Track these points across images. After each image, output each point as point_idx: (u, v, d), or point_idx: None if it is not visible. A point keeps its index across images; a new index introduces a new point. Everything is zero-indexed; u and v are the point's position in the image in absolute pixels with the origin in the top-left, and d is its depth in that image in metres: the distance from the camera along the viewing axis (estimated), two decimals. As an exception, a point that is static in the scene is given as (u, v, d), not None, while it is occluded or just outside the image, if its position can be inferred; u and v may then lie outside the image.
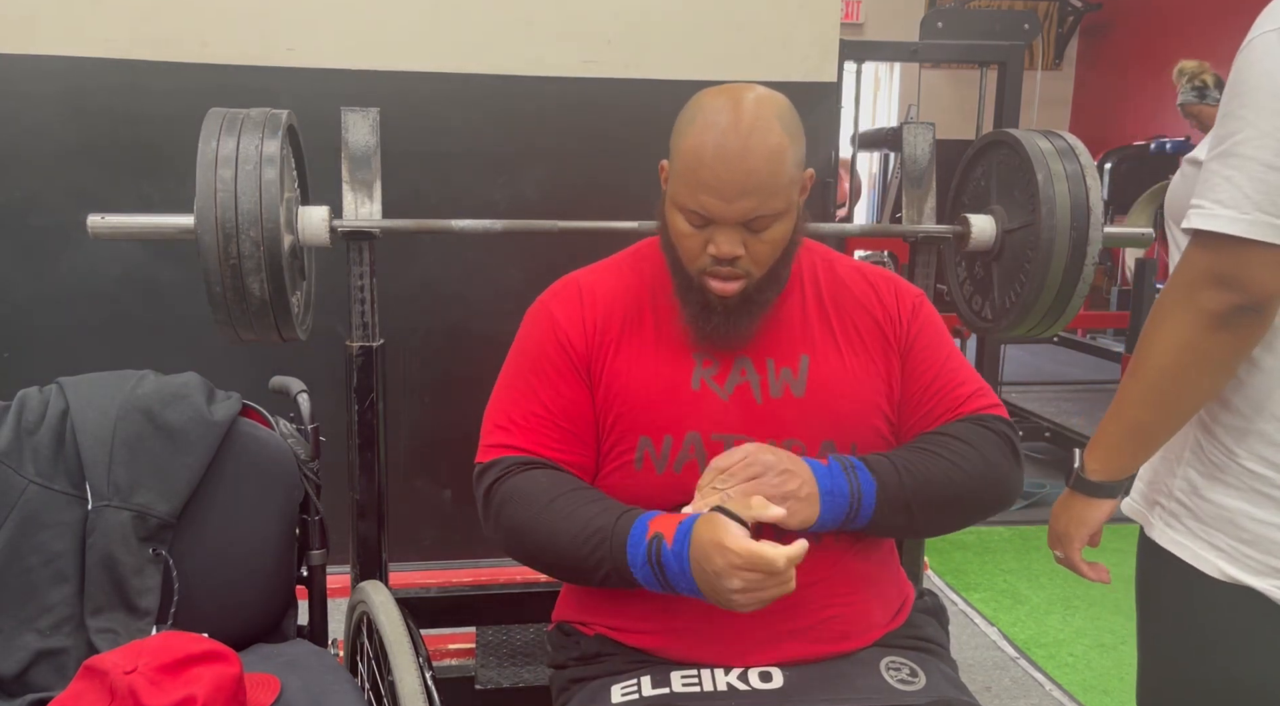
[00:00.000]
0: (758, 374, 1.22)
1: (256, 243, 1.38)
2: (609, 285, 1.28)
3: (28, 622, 1.29)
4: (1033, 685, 2.50)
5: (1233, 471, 1.04)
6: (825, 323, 1.26)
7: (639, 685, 1.15)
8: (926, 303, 1.31)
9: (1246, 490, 1.03)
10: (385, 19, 2.02)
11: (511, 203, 2.09)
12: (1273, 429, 1.02)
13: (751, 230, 1.13)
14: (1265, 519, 1.02)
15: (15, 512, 1.31)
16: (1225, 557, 1.05)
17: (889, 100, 8.22)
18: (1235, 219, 0.93)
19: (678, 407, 1.19)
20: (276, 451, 1.44)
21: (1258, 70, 0.93)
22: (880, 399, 1.25)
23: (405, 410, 2.02)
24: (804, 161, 1.18)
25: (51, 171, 1.95)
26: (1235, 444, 1.04)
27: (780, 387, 1.22)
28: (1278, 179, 0.91)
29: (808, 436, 1.20)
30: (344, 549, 1.61)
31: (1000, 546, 3.45)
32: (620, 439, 1.20)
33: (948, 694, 1.16)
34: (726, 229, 1.13)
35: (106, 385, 1.40)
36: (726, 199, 1.11)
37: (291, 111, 1.51)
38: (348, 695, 1.24)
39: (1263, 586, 1.02)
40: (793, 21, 2.14)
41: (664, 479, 1.18)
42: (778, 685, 1.13)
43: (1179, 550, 1.09)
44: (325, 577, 1.51)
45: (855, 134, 4.05)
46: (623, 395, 1.21)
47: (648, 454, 1.19)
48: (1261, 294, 0.94)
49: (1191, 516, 1.08)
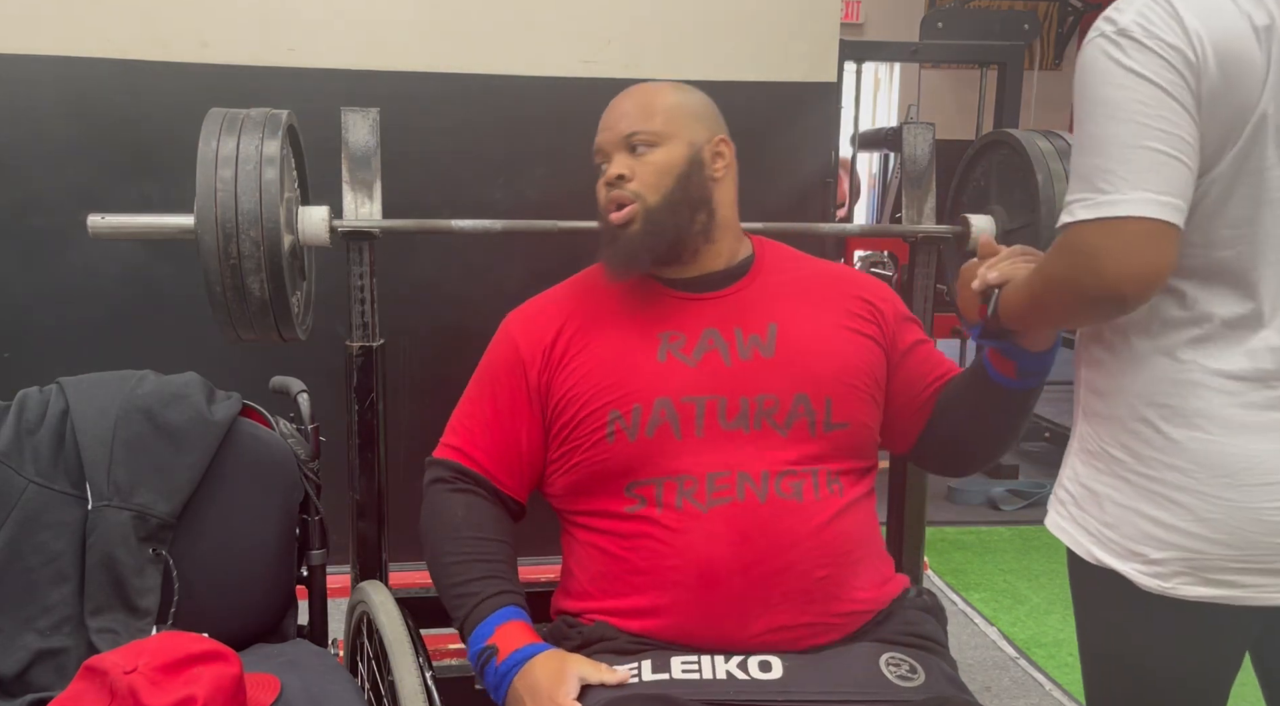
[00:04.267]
0: (725, 341, 1.27)
1: (256, 243, 1.39)
2: (567, 294, 1.38)
3: (28, 622, 1.29)
4: (1033, 685, 2.50)
5: (1102, 457, 1.09)
6: (795, 298, 1.33)
7: (640, 670, 1.15)
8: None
9: (1110, 475, 1.07)
10: (385, 19, 2.02)
11: (511, 203, 2.09)
12: (1126, 413, 1.06)
13: (635, 154, 1.27)
14: (1125, 502, 1.06)
15: (15, 512, 1.31)
16: (1095, 541, 1.09)
17: (889, 100, 8.22)
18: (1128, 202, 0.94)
19: (645, 379, 1.24)
20: (276, 451, 1.44)
21: (1102, 71, 0.96)
22: (860, 361, 1.30)
23: (405, 410, 2.02)
24: (711, 124, 1.33)
25: (51, 171, 1.95)
26: (1102, 430, 1.09)
27: (749, 351, 1.26)
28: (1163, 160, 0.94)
29: (780, 390, 1.24)
30: (344, 549, 1.61)
31: (1000, 546, 3.45)
32: (591, 417, 1.25)
33: (946, 691, 1.16)
34: (615, 157, 1.29)
35: (106, 385, 1.40)
36: (610, 127, 1.31)
37: (291, 111, 1.51)
38: (348, 695, 1.24)
39: (1124, 569, 1.06)
40: (793, 21, 2.14)
41: (636, 445, 1.22)
42: (776, 675, 1.14)
43: (1062, 535, 1.14)
44: (325, 577, 1.51)
45: (855, 134, 4.05)
46: (589, 379, 1.26)
47: (619, 426, 1.23)
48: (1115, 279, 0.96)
49: (1074, 503, 1.13)
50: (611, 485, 1.25)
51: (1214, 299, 1.00)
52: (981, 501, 3.90)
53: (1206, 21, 0.94)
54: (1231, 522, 1.00)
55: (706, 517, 1.19)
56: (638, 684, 1.13)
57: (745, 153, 2.23)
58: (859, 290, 1.37)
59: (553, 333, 1.31)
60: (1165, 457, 1.03)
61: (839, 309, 1.34)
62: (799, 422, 1.24)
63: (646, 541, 1.21)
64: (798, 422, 1.24)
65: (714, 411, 1.22)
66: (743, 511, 1.19)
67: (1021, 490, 3.89)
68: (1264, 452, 0.99)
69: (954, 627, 2.80)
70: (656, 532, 1.20)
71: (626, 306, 1.31)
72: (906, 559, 1.74)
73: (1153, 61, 0.94)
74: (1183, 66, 0.94)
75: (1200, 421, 1.01)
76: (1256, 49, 0.93)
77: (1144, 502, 1.04)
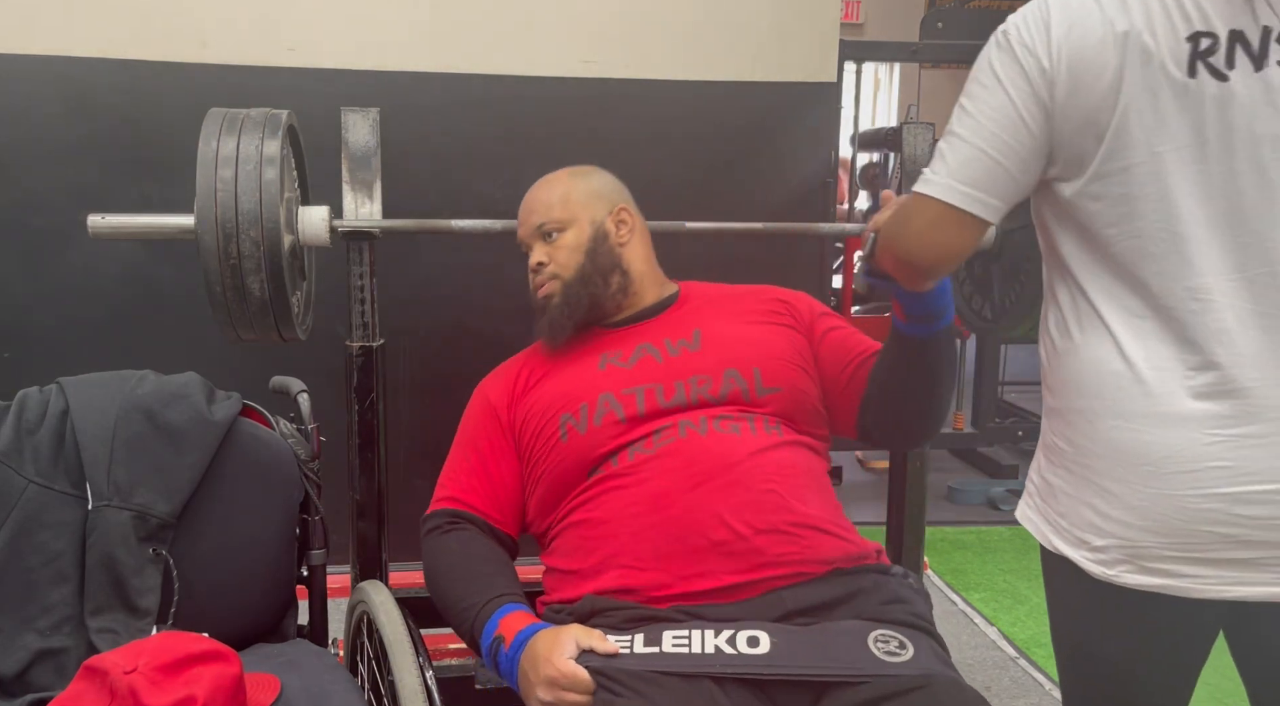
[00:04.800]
0: (656, 347, 1.44)
1: (256, 242, 1.39)
2: (526, 353, 1.55)
3: (28, 622, 1.29)
4: (1033, 685, 2.50)
5: (1053, 450, 1.14)
6: (716, 309, 1.51)
7: (632, 642, 1.18)
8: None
9: (1060, 466, 1.13)
10: (385, 19, 2.02)
11: (511, 203, 2.08)
12: (1065, 406, 1.12)
13: (549, 241, 1.48)
14: (1071, 492, 1.11)
15: (15, 512, 1.31)
16: (1053, 530, 1.14)
17: (889, 100, 8.22)
18: (937, 184, 1.08)
19: (588, 383, 1.40)
20: (277, 451, 1.44)
21: (980, 67, 1.08)
22: (780, 340, 1.45)
23: (405, 410, 2.02)
24: (610, 197, 1.52)
25: (51, 171, 1.95)
26: (1051, 423, 1.15)
27: (678, 350, 1.43)
28: (985, 159, 1.05)
29: (709, 370, 1.39)
30: (344, 549, 1.61)
31: (1000, 546, 3.45)
32: (547, 426, 1.39)
33: (934, 668, 1.17)
34: (534, 246, 1.50)
35: (106, 385, 1.40)
36: (524, 221, 1.52)
37: (291, 111, 1.51)
38: (348, 695, 1.24)
39: (1074, 556, 1.10)
40: (793, 21, 2.14)
41: (587, 436, 1.35)
42: (764, 650, 1.15)
43: (1028, 525, 1.19)
44: (325, 577, 1.51)
45: (855, 134, 4.05)
46: (544, 399, 1.42)
47: (570, 425, 1.37)
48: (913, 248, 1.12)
49: (1038, 494, 1.18)
50: (573, 479, 1.36)
51: (1119, 295, 1.06)
52: (981, 501, 3.91)
53: (1070, 30, 1.02)
54: (1157, 511, 1.03)
55: (655, 456, 1.32)
56: (629, 655, 1.17)
57: (745, 152, 2.24)
58: (774, 294, 1.54)
59: (514, 374, 1.50)
60: (1095, 448, 1.08)
61: (756, 309, 1.50)
62: (733, 392, 1.37)
63: (606, 495, 1.32)
64: (731, 392, 1.37)
65: (653, 395, 1.37)
66: (687, 444, 1.32)
67: (1021, 490, 3.90)
68: (1180, 441, 1.02)
69: (954, 627, 2.80)
70: (613, 483, 1.32)
71: (574, 346, 1.48)
72: (906, 559, 1.74)
73: (1012, 70, 1.05)
74: (1037, 75, 1.03)
75: (1122, 413, 1.05)
76: (1111, 56, 1.00)
77: (1085, 491, 1.09)
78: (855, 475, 4.31)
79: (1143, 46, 0.99)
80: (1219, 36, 0.98)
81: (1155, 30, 0.99)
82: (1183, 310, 1.02)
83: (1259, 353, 1.00)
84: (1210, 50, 0.98)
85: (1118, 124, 1.01)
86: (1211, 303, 1.01)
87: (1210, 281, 1.01)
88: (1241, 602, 1.03)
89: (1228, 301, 1.01)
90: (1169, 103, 0.99)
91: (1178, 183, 1.01)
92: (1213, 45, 0.98)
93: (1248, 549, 1.02)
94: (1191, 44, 0.98)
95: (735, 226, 1.71)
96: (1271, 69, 0.97)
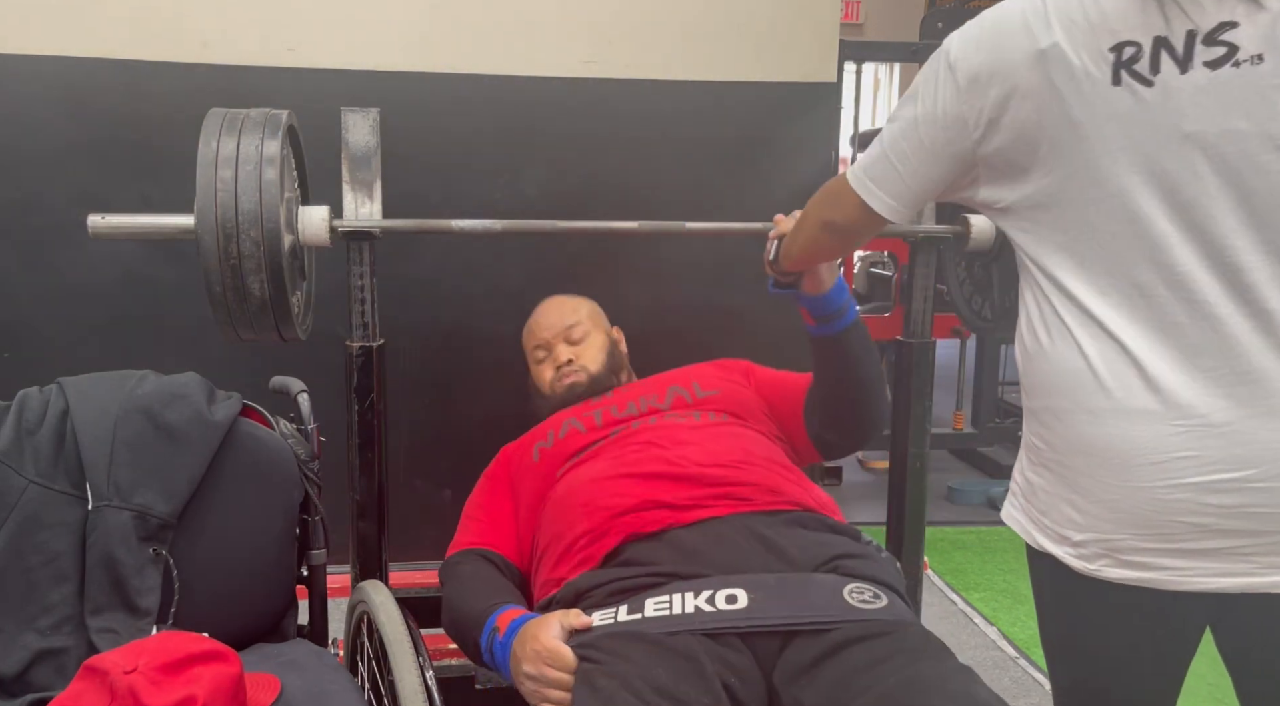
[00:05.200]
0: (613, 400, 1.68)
1: (256, 243, 1.39)
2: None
3: (28, 622, 1.29)
4: (1033, 685, 2.50)
5: (1032, 448, 1.17)
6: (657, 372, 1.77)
7: (615, 613, 1.24)
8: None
9: (1039, 464, 1.16)
10: (385, 19, 2.02)
11: (511, 203, 2.09)
12: (1039, 406, 1.15)
13: (574, 343, 1.76)
14: (1049, 489, 1.14)
15: (15, 512, 1.31)
16: (1036, 528, 1.17)
17: (889, 100, 8.22)
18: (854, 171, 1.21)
19: (553, 419, 1.67)
20: (277, 451, 1.44)
21: (921, 76, 1.15)
22: (713, 371, 1.70)
23: (405, 410, 2.02)
24: (605, 319, 1.84)
25: (51, 171, 1.95)
26: (1029, 423, 1.18)
27: (629, 390, 1.71)
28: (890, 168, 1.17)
29: (654, 390, 1.66)
30: (344, 549, 1.61)
31: (1000, 546, 3.45)
32: (527, 459, 1.62)
33: (906, 617, 1.23)
34: (557, 346, 1.77)
35: (107, 385, 1.40)
36: (549, 327, 1.78)
37: (291, 111, 1.51)
38: (348, 695, 1.24)
39: (1057, 552, 1.13)
40: (793, 21, 2.14)
41: (553, 448, 1.59)
42: (742, 605, 1.20)
43: (1013, 524, 1.22)
44: (325, 577, 1.51)
45: (855, 134, 4.05)
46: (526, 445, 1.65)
47: (541, 448, 1.61)
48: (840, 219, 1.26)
49: (1021, 493, 1.21)
50: (546, 486, 1.54)
51: (1077, 296, 1.09)
52: (981, 501, 3.91)
53: (996, 46, 1.08)
54: (1130, 504, 1.05)
55: (612, 441, 1.54)
56: (613, 625, 1.22)
57: (745, 153, 2.24)
58: (712, 363, 1.76)
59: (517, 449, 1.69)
60: (1068, 446, 1.11)
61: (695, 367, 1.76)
62: (676, 399, 1.63)
63: (573, 483, 1.48)
64: (675, 399, 1.63)
65: (608, 411, 1.63)
66: (640, 429, 1.55)
67: (1021, 490, 3.90)
68: (1147, 434, 1.04)
69: (954, 627, 2.80)
70: (578, 471, 1.51)
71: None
72: (906, 559, 1.74)
73: (944, 87, 1.11)
74: (966, 93, 1.09)
75: (1089, 409, 1.08)
76: (1036, 71, 1.05)
77: (1063, 488, 1.12)
78: (855, 475, 4.32)
79: (1065, 61, 1.03)
80: (1142, 44, 1.01)
81: (1077, 44, 1.03)
82: (1135, 306, 1.05)
83: (1208, 342, 1.02)
84: (1134, 58, 1.01)
85: (1051, 136, 1.06)
86: (1156, 298, 1.04)
87: (1154, 277, 1.04)
88: (1223, 594, 1.04)
89: (1174, 295, 1.03)
90: (1098, 110, 1.03)
91: (1117, 184, 1.04)
92: (1136, 53, 1.01)
93: (1223, 538, 1.03)
94: (1115, 54, 1.02)
95: (735, 226, 1.70)
96: (1197, 70, 0.99)
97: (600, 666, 1.14)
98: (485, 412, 2.07)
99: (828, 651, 1.15)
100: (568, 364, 1.73)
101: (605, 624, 1.23)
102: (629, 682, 1.09)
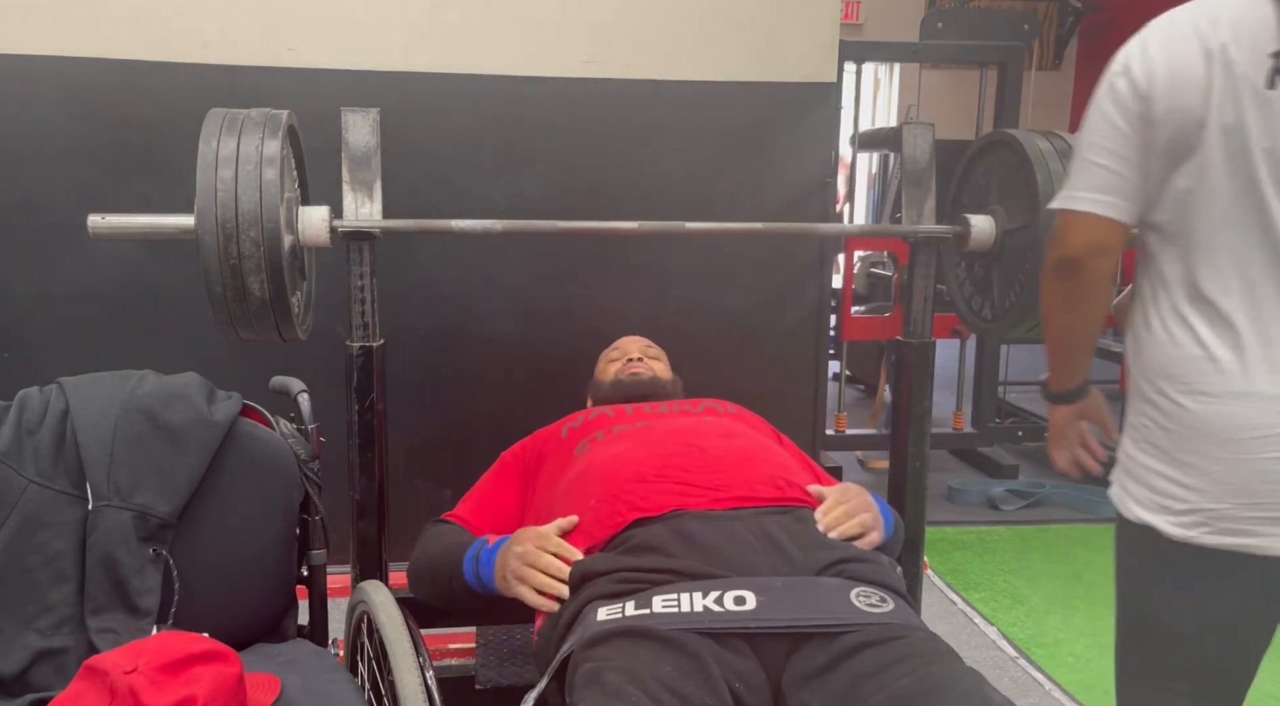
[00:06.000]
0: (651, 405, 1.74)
1: (256, 242, 1.38)
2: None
3: (28, 622, 1.29)
4: (1033, 685, 2.50)
5: (1137, 427, 1.28)
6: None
7: (622, 608, 1.22)
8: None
9: (1143, 441, 1.27)
10: (385, 19, 2.02)
11: (511, 203, 2.09)
12: (1148, 387, 1.26)
13: (649, 357, 1.89)
14: (1152, 465, 1.25)
15: (16, 512, 1.31)
16: (1135, 500, 1.27)
17: (889, 100, 8.22)
18: (1061, 196, 1.26)
19: (590, 409, 1.74)
20: (277, 451, 1.44)
21: (1097, 99, 1.24)
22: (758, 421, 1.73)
23: (405, 410, 2.02)
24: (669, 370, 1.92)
25: (51, 171, 1.95)
26: (1137, 403, 1.29)
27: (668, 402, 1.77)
28: (1097, 170, 1.22)
29: (688, 402, 1.73)
30: (344, 549, 1.61)
31: (1000, 546, 3.45)
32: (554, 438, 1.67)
33: (913, 621, 1.23)
34: (634, 351, 1.88)
35: (107, 385, 1.40)
36: (634, 343, 1.92)
37: (291, 112, 1.51)
38: (348, 695, 1.24)
39: (1155, 521, 1.24)
40: (793, 21, 2.14)
41: (581, 427, 1.65)
42: (750, 607, 1.20)
43: (1114, 496, 1.31)
44: (325, 577, 1.51)
45: (855, 134, 4.05)
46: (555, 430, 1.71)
47: (570, 426, 1.67)
48: (1072, 250, 1.26)
49: (1123, 469, 1.31)
50: (565, 459, 1.58)
51: (1199, 284, 1.21)
52: (981, 501, 3.90)
53: (1166, 50, 1.18)
54: (1236, 475, 1.17)
55: (637, 429, 1.59)
56: (620, 619, 1.20)
57: (745, 153, 2.24)
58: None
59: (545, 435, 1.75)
60: (1175, 424, 1.22)
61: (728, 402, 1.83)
62: (708, 408, 1.71)
63: (593, 458, 1.53)
64: (707, 408, 1.71)
65: (641, 407, 1.71)
66: (666, 420, 1.63)
67: (1021, 490, 3.89)
68: (1256, 412, 1.17)
69: (954, 627, 2.80)
70: (600, 447, 1.56)
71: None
72: (906, 559, 1.74)
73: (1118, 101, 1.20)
74: (1142, 98, 1.18)
75: (1204, 391, 1.20)
76: (1202, 70, 1.15)
77: (1165, 464, 1.23)
78: (855, 475, 4.31)
79: (1229, 60, 1.14)
80: None
81: (1242, 46, 1.13)
82: (1251, 299, 1.17)
83: None
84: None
85: (1204, 132, 1.15)
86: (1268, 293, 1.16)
87: (1270, 271, 1.16)
88: None
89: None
90: (1250, 109, 1.13)
91: (1256, 179, 1.15)
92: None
93: None
94: (1274, 59, 1.12)
95: (735, 226, 1.71)
96: None
97: (607, 663, 1.14)
98: (485, 412, 2.08)
99: (838, 656, 1.15)
100: (639, 360, 1.85)
101: (613, 618, 1.22)
102: (636, 677, 1.09)
